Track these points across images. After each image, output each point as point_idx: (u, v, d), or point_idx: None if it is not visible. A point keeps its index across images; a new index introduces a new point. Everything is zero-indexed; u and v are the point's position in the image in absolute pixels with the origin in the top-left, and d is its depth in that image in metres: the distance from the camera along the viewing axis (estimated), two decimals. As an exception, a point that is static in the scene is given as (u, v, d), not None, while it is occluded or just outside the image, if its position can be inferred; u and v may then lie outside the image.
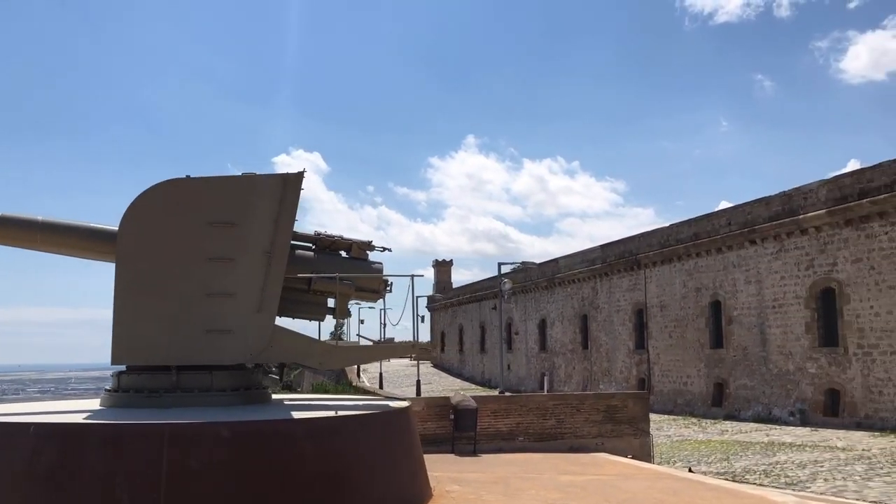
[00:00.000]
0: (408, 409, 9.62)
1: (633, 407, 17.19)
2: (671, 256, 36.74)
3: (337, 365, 10.24)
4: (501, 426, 16.16)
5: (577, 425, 16.69)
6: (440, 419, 15.73)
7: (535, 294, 54.34)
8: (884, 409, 24.60)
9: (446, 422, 15.65)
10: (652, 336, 38.61)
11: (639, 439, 17.13)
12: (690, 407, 34.46)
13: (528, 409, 16.40)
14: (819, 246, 27.71)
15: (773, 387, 29.63)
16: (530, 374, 54.40)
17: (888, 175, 24.64)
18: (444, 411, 15.72)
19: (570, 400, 16.78)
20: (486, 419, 16.02)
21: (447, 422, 15.62)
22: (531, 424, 16.36)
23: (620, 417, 16.99)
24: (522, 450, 16.06)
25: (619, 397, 17.16)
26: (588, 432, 16.73)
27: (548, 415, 16.50)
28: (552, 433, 16.50)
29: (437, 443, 15.54)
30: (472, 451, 15.51)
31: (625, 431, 17.02)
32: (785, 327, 29.19)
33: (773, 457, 20.14)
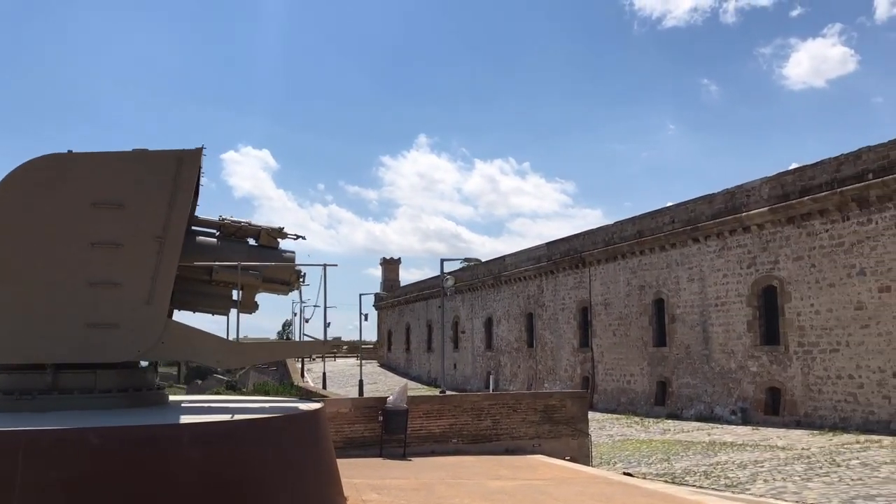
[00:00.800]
0: (318, 412, 8.76)
1: (571, 407, 16.58)
2: (615, 254, 36.48)
3: (238, 363, 9.29)
4: (434, 428, 15.38)
5: (514, 426, 16.00)
6: (369, 421, 14.89)
7: (482, 292, 53.79)
8: (823, 407, 24.56)
9: (375, 424, 14.80)
10: (596, 334, 38.33)
11: (577, 440, 16.53)
12: (634, 406, 34.22)
13: (463, 409, 15.65)
14: (761, 244, 27.62)
15: (716, 385, 29.49)
16: (476, 373, 53.82)
17: (829, 173, 24.59)
18: (373, 413, 14.87)
19: (507, 400, 16.09)
20: (417, 420, 15.22)
21: (376, 424, 14.78)
22: (466, 426, 15.61)
23: (559, 418, 16.37)
24: (456, 452, 15.31)
25: (557, 397, 16.53)
26: (525, 433, 16.06)
27: (483, 415, 15.78)
28: (488, 434, 15.78)
29: (365, 446, 14.70)
30: (403, 454, 14.70)
31: (563, 432, 16.40)
32: (727, 325, 29.07)
33: (713, 457, 19.78)
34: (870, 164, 23.07)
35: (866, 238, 23.43)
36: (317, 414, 8.69)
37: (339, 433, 14.64)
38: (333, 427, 14.62)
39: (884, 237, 22.84)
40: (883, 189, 22.53)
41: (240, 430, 7.47)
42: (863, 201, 23.37)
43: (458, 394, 16.13)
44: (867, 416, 22.95)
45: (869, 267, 23.29)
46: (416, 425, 15.19)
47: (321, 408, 9.04)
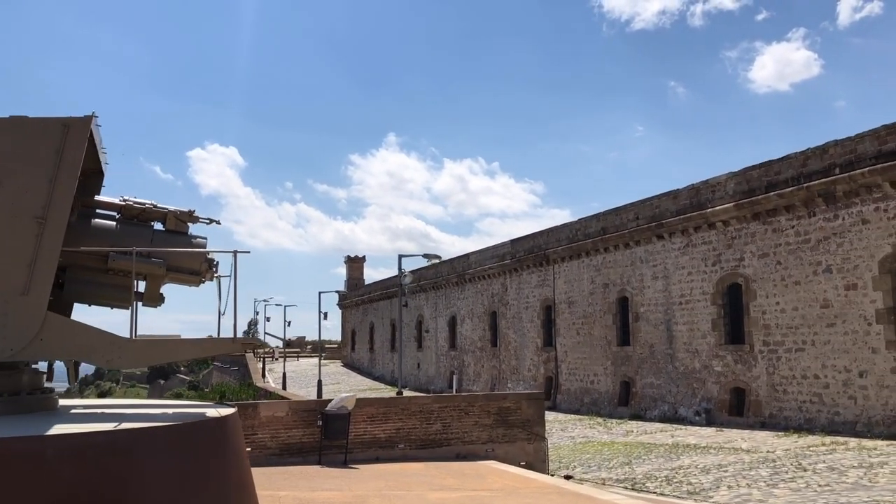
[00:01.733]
0: (224, 420, 7.67)
1: (527, 409, 15.64)
2: (579, 252, 35.71)
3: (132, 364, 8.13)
4: (379, 433, 14.34)
5: (466, 430, 15.02)
6: (308, 426, 13.80)
7: (446, 290, 52.81)
8: (788, 408, 23.96)
9: (315, 429, 13.72)
10: (560, 333, 37.54)
11: (533, 444, 15.61)
12: (597, 406, 33.47)
13: (411, 412, 14.63)
14: (726, 241, 26.98)
15: (680, 385, 28.82)
16: (440, 373, 52.85)
17: (795, 168, 23.99)
18: (312, 417, 13.79)
19: (458, 402, 15.10)
20: (361, 425, 14.17)
21: (316, 429, 13.70)
22: (414, 430, 14.60)
23: (513, 421, 15.42)
24: (403, 458, 14.29)
25: (511, 399, 15.58)
26: (477, 437, 15.09)
27: (433, 419, 14.77)
28: (437, 439, 14.78)
29: (304, 452, 13.63)
30: (344, 461, 13.64)
31: (518, 436, 15.46)
32: (691, 324, 28.40)
33: (676, 460, 19.00)
34: (836, 158, 22.48)
35: (833, 234, 22.86)
36: (223, 422, 7.60)
37: (275, 439, 13.56)
38: (269, 432, 13.52)
39: (850, 234, 22.28)
40: (849, 184, 21.95)
41: (121, 441, 6.37)
42: (829, 196, 22.78)
43: (406, 396, 15.10)
44: (832, 417, 22.38)
45: (835, 264, 22.72)
46: (359, 430, 14.13)
47: (231, 414, 7.96)
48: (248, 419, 13.37)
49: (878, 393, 21.14)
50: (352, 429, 13.92)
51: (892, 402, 20.74)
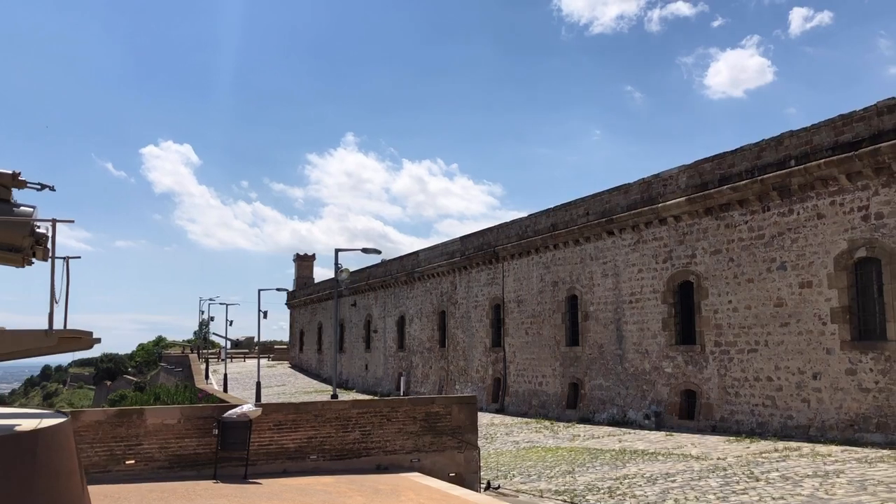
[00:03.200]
0: (44, 433, 6.03)
1: (458, 414, 14.16)
2: (529, 249, 34.42)
3: None
4: (288, 442, 12.72)
5: (388, 438, 13.48)
6: (203, 435, 12.12)
7: (394, 289, 51.19)
8: (740, 411, 22.90)
9: (212, 438, 12.05)
10: (508, 333, 36.21)
11: (464, 453, 14.13)
12: (545, 409, 32.21)
13: (325, 419, 13.03)
14: (678, 237, 25.89)
15: (629, 387, 27.66)
16: (388, 375, 51.21)
17: (749, 160, 22.95)
18: (208, 424, 12.11)
19: (380, 407, 13.54)
20: (266, 433, 12.53)
21: (213, 438, 12.03)
22: (328, 438, 13.01)
23: (442, 427, 13.92)
24: (315, 471, 12.69)
25: (440, 403, 14.07)
26: (401, 446, 13.56)
27: (351, 426, 13.20)
28: (356, 449, 13.21)
29: (198, 465, 11.94)
30: (244, 475, 11.99)
31: (447, 444, 13.97)
32: (641, 324, 27.26)
33: (622, 468, 17.71)
34: (792, 150, 21.47)
35: (787, 230, 21.85)
36: (35, 436, 5.95)
37: (164, 450, 11.85)
38: (157, 442, 11.81)
39: (805, 229, 21.29)
40: (805, 177, 20.95)
41: None
42: (784, 190, 21.77)
43: (320, 401, 13.50)
44: (785, 421, 21.36)
45: (790, 261, 21.72)
46: (264, 439, 12.49)
47: (55, 426, 6.31)
48: (133, 427, 11.65)
49: (831, 396, 20.16)
50: (255, 438, 12.28)
51: (846, 405, 19.77)
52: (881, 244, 19.22)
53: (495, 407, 36.21)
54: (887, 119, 18.89)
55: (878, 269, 19.48)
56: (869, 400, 19.22)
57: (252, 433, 12.16)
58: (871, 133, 19.22)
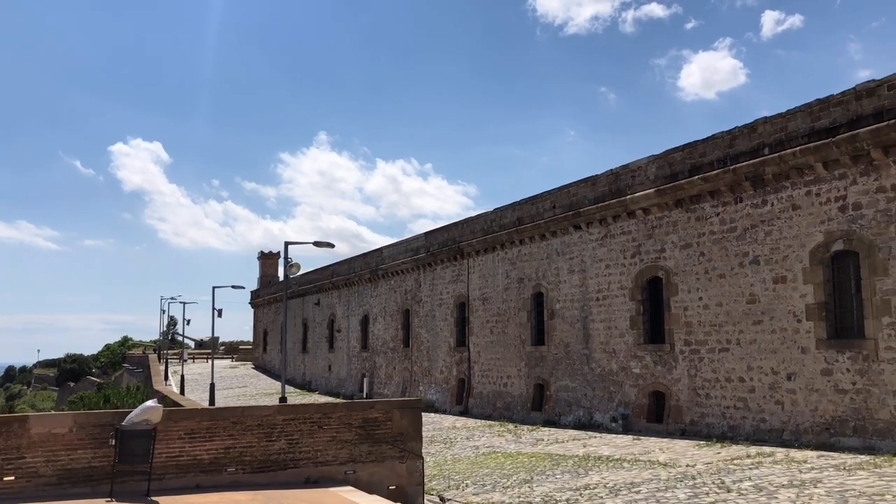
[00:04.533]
0: None
1: (400, 420, 12.72)
2: (494, 244, 33.06)
3: None
4: (202, 453, 11.19)
5: (320, 447, 12.00)
6: (100, 445, 10.56)
7: (358, 287, 49.61)
8: (710, 413, 21.71)
9: (110, 450, 10.48)
10: (473, 332, 34.83)
11: (406, 463, 12.69)
12: (510, 411, 30.88)
13: (245, 427, 11.52)
14: (646, 230, 24.66)
15: (596, 389, 26.40)
16: (351, 376, 49.64)
17: (721, 149, 21.78)
18: (105, 433, 10.54)
19: (310, 413, 12.05)
20: (176, 443, 10.99)
21: (110, 449, 10.46)
22: (249, 449, 11.49)
23: (382, 435, 12.47)
24: (233, 485, 11.18)
25: (380, 408, 12.62)
26: (335, 457, 12.09)
27: (275, 434, 11.70)
28: (281, 460, 11.71)
29: (93, 480, 10.38)
30: (145, 491, 10.44)
31: (387, 454, 12.52)
32: (609, 322, 26.01)
33: (584, 477, 16.39)
34: (766, 137, 20.31)
35: (760, 222, 20.69)
36: None
37: (52, 463, 10.27)
38: (43, 455, 10.23)
39: (779, 221, 20.13)
40: (780, 166, 19.80)
41: None
42: (757, 180, 20.61)
43: (239, 407, 11.98)
44: (758, 425, 20.19)
45: (763, 255, 20.56)
46: (173, 449, 10.96)
47: None
48: (13, 438, 10.07)
49: (806, 397, 19.02)
50: (162, 448, 10.74)
51: (821, 407, 18.63)
52: (859, 236, 18.09)
53: (459, 409, 34.83)
54: (866, 103, 17.78)
55: (855, 262, 18.36)
56: (846, 402, 18.09)
57: (157, 443, 10.62)
58: (850, 118, 18.10)
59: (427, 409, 37.83)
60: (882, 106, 17.37)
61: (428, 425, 30.76)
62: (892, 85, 17.26)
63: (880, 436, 17.12)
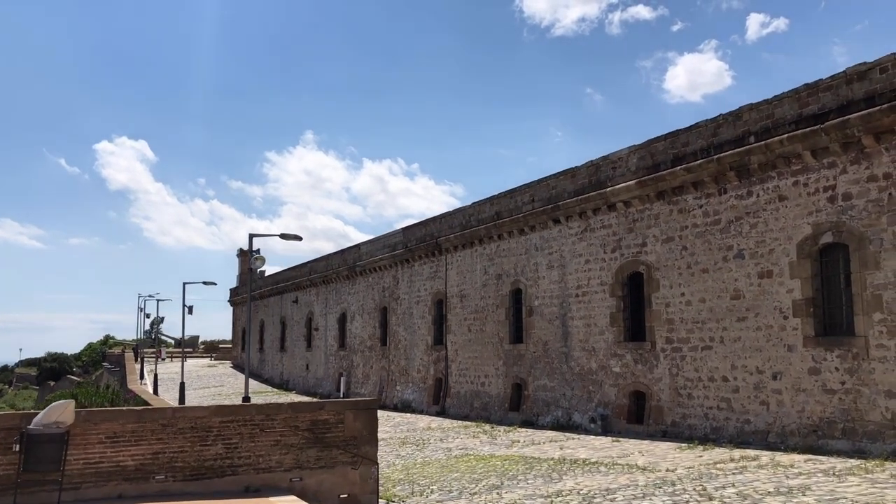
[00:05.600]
0: None
1: (353, 423, 11.62)
2: (472, 239, 32.01)
3: None
4: (126, 459, 10.05)
5: (262, 453, 10.89)
6: (5, 451, 9.39)
7: (336, 284, 48.43)
8: (693, 414, 20.74)
9: (15, 456, 9.33)
10: (451, 330, 33.76)
11: (360, 470, 11.59)
12: (487, 411, 29.83)
13: (177, 429, 10.39)
14: (627, 224, 23.67)
15: (574, 388, 25.39)
16: (329, 375, 48.45)
17: (705, 138, 20.81)
18: (9, 438, 9.38)
19: (251, 415, 10.93)
20: (96, 448, 9.85)
21: (15, 456, 9.31)
22: (181, 454, 10.36)
23: (332, 439, 11.38)
24: (161, 495, 10.05)
25: (330, 409, 11.52)
26: (279, 463, 10.97)
27: (211, 438, 10.58)
28: (217, 466, 10.59)
29: (-1, 491, 9.19)
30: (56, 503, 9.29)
31: (338, 459, 11.42)
32: (588, 319, 25.00)
33: (557, 482, 15.34)
34: (751, 125, 19.36)
35: (745, 214, 19.74)
36: None
37: (-51, 472, 9.10)
38: (-61, 462, 9.04)
39: (765, 212, 19.18)
40: (766, 155, 18.84)
41: None
42: (742, 170, 19.65)
43: (171, 407, 10.85)
44: (742, 426, 19.24)
45: (748, 248, 19.60)
46: (92, 455, 9.81)
47: None
48: None
49: (793, 398, 18.07)
50: (77, 454, 9.59)
51: (808, 408, 17.69)
52: (849, 228, 17.15)
53: (436, 409, 33.76)
54: (857, 87, 16.84)
55: (845, 256, 17.42)
56: (834, 402, 17.15)
57: (72, 448, 9.48)
58: (840, 104, 17.16)
59: (404, 409, 36.76)
60: (874, 90, 16.44)
61: (402, 426, 29.68)
62: (885, 68, 16.33)
63: (870, 438, 16.19)
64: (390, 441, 25.16)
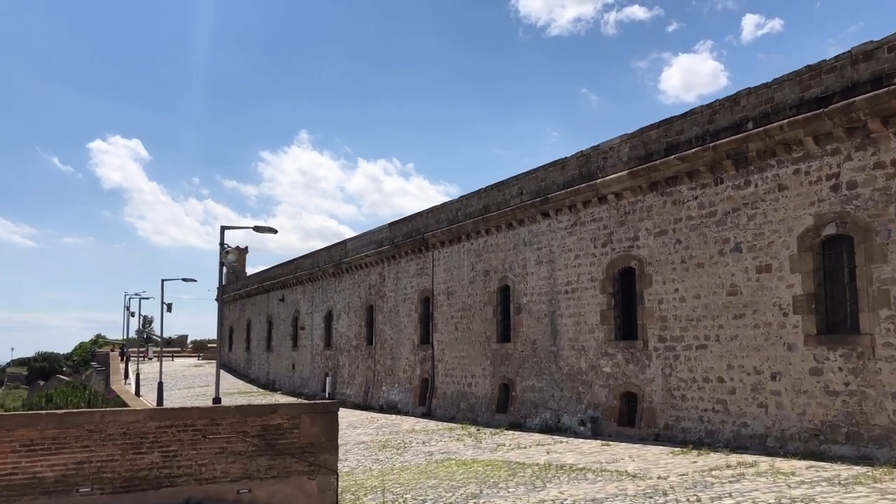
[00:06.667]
0: None
1: (310, 428, 10.47)
2: (460, 234, 30.87)
3: None
4: (45, 469, 8.88)
5: (205, 461, 9.73)
6: None
7: (322, 282, 47.26)
8: (687, 417, 19.63)
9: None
10: (437, 329, 32.63)
11: (318, 479, 10.44)
12: (474, 413, 28.70)
13: (106, 436, 9.23)
14: (619, 217, 22.56)
15: (564, 389, 24.27)
16: (315, 375, 47.29)
17: (700, 125, 19.71)
18: None
19: (192, 419, 9.77)
20: (8, 458, 8.69)
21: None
22: (111, 463, 9.20)
23: (287, 446, 10.22)
24: (87, 510, 8.85)
25: (284, 412, 10.36)
26: (224, 472, 9.81)
27: (146, 445, 9.42)
28: (153, 477, 9.43)
29: None
30: (-43, 521, 8.16)
31: (293, 468, 10.27)
32: (578, 317, 23.88)
33: (540, 491, 14.22)
34: (750, 110, 18.25)
35: (743, 205, 18.63)
36: None
37: None
38: None
39: (764, 203, 18.08)
40: (765, 142, 17.73)
41: None
42: (740, 158, 18.54)
43: (99, 411, 9.64)
44: (739, 430, 18.14)
45: (746, 241, 18.50)
46: (5, 466, 8.65)
47: None
48: None
49: (793, 400, 16.97)
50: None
51: (810, 411, 16.59)
52: (854, 219, 16.05)
53: (422, 410, 32.62)
54: (863, 68, 15.74)
55: (849, 248, 16.31)
56: (837, 405, 16.05)
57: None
58: (844, 86, 16.06)
59: (389, 410, 35.61)
60: (881, 70, 15.34)
61: (385, 428, 28.53)
62: (893, 47, 15.24)
63: (877, 444, 15.09)
64: (370, 444, 24.02)
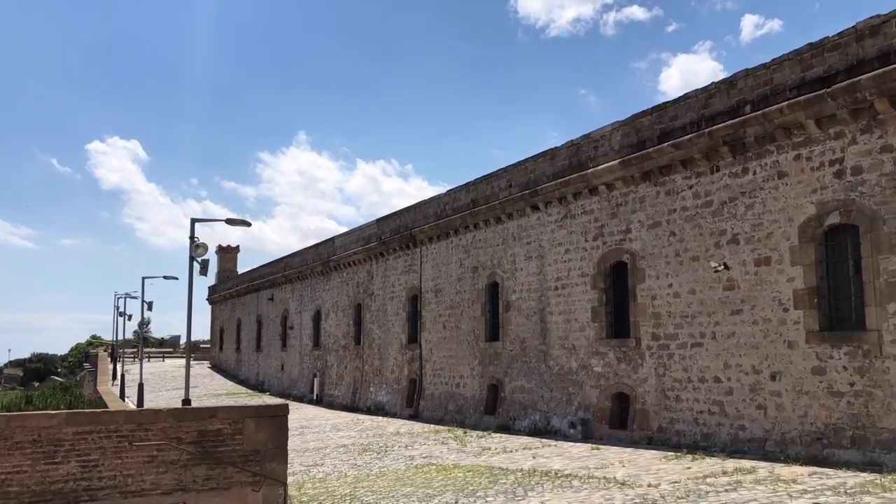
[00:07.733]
0: None
1: (254, 434, 9.35)
2: (448, 230, 29.77)
3: None
4: (-60, 482, 7.75)
5: (131, 472, 8.62)
6: None
7: (311, 281, 46.15)
8: (681, 419, 18.52)
9: None
10: (425, 328, 31.52)
11: (262, 491, 9.31)
12: (462, 414, 27.59)
13: (13, 443, 8.12)
14: (610, 209, 21.46)
15: (553, 390, 23.16)
16: (303, 376, 46.18)
17: (695, 110, 18.61)
18: None
19: (117, 424, 8.65)
20: None
21: None
22: (17, 475, 8.09)
23: (227, 453, 9.11)
24: (-10, 528, 7.74)
25: (224, 416, 9.25)
26: (154, 484, 8.70)
27: (62, 454, 8.31)
28: (69, 490, 8.32)
29: None
30: None
31: (235, 479, 9.16)
32: (568, 314, 22.77)
33: (520, 500, 13.13)
34: (747, 93, 17.15)
35: (741, 194, 17.53)
36: None
37: None
38: None
39: (763, 192, 16.97)
40: (763, 126, 16.63)
41: None
42: (737, 144, 17.44)
43: (4, 415, 8.48)
44: (736, 433, 17.02)
45: (743, 233, 17.39)
46: None
47: None
48: None
49: (794, 401, 15.86)
50: None
51: (812, 412, 15.48)
52: (859, 206, 14.95)
53: (409, 412, 31.51)
54: (869, 44, 14.64)
55: (854, 238, 15.21)
56: (842, 406, 14.94)
57: None
58: (849, 64, 14.96)
59: (377, 411, 34.49)
60: (889, 46, 14.24)
61: (369, 431, 27.41)
62: (901, 20, 14.13)
63: (885, 448, 13.98)
64: (351, 448, 22.93)
